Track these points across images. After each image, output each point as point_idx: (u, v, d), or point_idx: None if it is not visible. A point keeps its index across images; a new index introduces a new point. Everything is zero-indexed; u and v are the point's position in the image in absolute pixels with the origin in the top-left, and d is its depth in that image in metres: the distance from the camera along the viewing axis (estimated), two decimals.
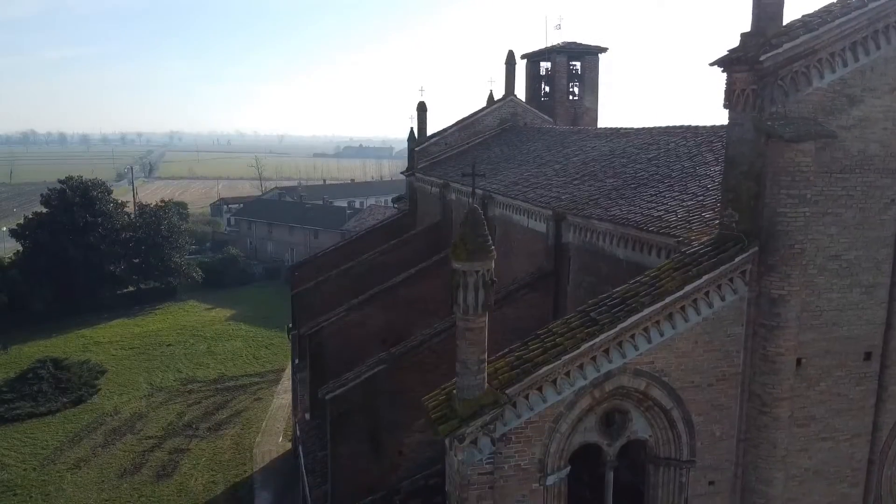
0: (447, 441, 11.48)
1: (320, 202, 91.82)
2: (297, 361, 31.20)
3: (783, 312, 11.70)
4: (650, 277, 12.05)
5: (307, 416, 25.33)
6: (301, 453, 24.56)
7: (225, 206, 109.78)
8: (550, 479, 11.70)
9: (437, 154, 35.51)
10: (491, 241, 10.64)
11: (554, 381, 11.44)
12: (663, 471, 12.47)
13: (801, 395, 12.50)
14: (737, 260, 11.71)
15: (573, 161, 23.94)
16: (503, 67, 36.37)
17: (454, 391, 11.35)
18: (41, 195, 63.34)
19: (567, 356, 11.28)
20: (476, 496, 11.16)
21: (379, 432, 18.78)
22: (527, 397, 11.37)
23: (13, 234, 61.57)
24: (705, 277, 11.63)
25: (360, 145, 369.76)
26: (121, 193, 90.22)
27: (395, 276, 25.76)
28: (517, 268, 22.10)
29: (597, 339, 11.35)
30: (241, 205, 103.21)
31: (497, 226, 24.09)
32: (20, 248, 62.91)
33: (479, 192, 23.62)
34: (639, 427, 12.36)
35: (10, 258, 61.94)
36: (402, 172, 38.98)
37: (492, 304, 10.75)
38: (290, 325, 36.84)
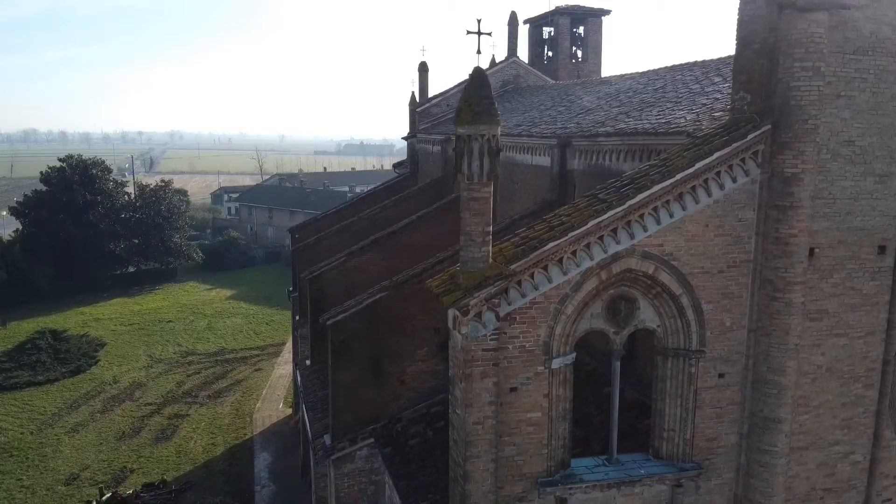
0: (450, 317, 11.20)
1: (321, 188, 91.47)
2: (297, 318, 30.89)
3: (796, 192, 11.40)
4: (661, 160, 11.77)
5: (308, 362, 25.00)
6: (301, 394, 24.29)
7: (225, 195, 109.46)
8: (556, 363, 11.41)
9: (438, 115, 35.21)
10: (496, 105, 10.33)
11: (560, 261, 11.14)
12: (672, 362, 12.17)
13: (814, 286, 12.17)
14: (749, 137, 11.40)
15: (577, 103, 23.63)
16: (506, 29, 36.09)
17: (458, 269, 11.05)
18: (41, 173, 63.09)
19: (574, 233, 10.98)
20: (480, 373, 10.86)
21: (380, 360, 18.43)
22: (532, 276, 11.08)
23: (13, 211, 61.31)
24: (716, 154, 11.33)
25: (361, 143, 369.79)
26: None
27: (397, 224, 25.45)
28: (521, 209, 21.78)
29: (604, 217, 11.05)
30: (240, 194, 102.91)
31: (501, 170, 23.62)
32: (19, 228, 62.72)
33: None
34: (646, 316, 12.05)
35: (10, 236, 61.68)
36: (403, 137, 38.63)
37: (497, 172, 10.45)
38: (291, 287, 36.59)
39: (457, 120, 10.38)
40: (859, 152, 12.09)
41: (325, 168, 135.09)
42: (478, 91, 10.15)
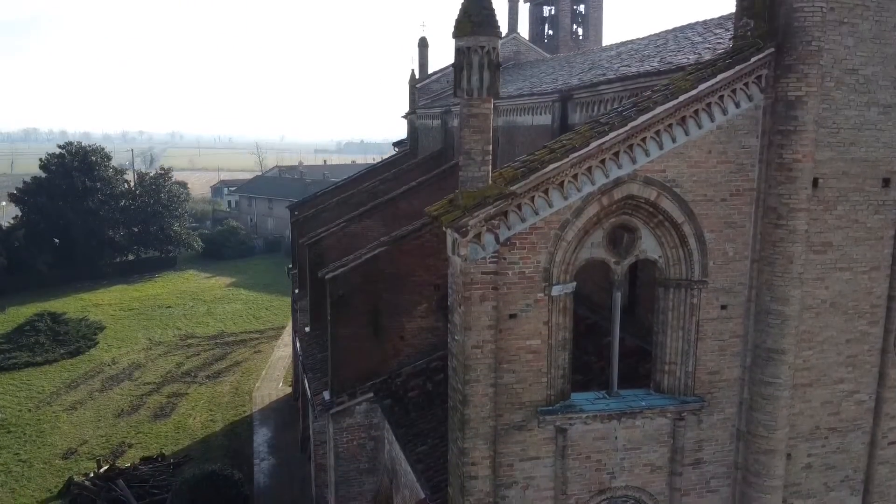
0: (449, 241, 11.07)
1: (321, 179, 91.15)
2: (297, 291, 30.76)
3: (800, 115, 11.24)
4: (663, 86, 11.60)
5: (307, 329, 24.88)
6: (301, 358, 24.17)
7: (225, 189, 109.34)
8: (555, 290, 11.24)
9: (438, 91, 35.10)
10: (497, 16, 10.16)
11: (561, 184, 11.00)
12: (673, 293, 12.00)
13: (818, 218, 12.01)
14: (752, 60, 11.24)
15: (578, 67, 23.50)
16: (506, 6, 35.99)
17: (457, 192, 10.91)
18: (40, 159, 62.95)
19: (575, 154, 10.83)
20: (479, 296, 10.71)
21: (380, 316, 18.28)
22: (532, 200, 10.94)
23: (12, 198, 61.19)
24: (720, 77, 11.18)
25: (362, 141, 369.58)
26: None
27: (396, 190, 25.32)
28: None
29: (606, 138, 10.90)
30: (240, 185, 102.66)
31: (501, 136, 23.62)
32: (17, 215, 62.61)
33: None
34: (648, 246, 11.89)
35: (10, 222, 61.58)
36: (402, 116, 38.48)
37: (498, 87, 10.29)
38: (290, 265, 36.49)
39: (455, 32, 10.21)
40: (863, 81, 11.92)
41: (325, 161, 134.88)
42: (477, 1, 9.98)
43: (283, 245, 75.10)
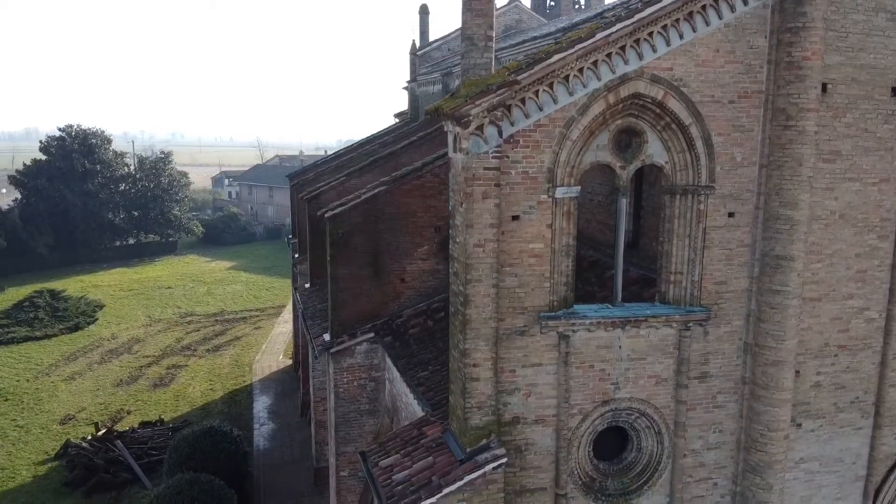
0: (450, 139, 10.82)
1: None
2: (296, 256, 30.52)
3: (809, 11, 10.98)
4: None
5: (307, 285, 24.64)
6: (301, 309, 23.97)
7: (226, 179, 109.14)
8: (559, 192, 10.98)
9: (439, 60, 34.89)
10: None
11: (566, 78, 10.73)
12: (679, 199, 11.74)
13: (827, 125, 11.76)
14: None
15: (580, 16, 23.28)
16: None
17: (458, 85, 10.66)
18: (40, 142, 62.74)
19: (581, 45, 10.56)
20: (481, 192, 10.45)
21: (380, 257, 18.01)
22: (536, 94, 10.67)
23: (12, 180, 60.96)
24: None
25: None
26: None
27: (396, 145, 25.07)
28: None
29: (612, 29, 10.63)
30: (241, 174, 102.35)
31: None
32: (17, 198, 62.36)
33: None
34: (654, 151, 11.62)
35: (9, 205, 61.38)
36: (403, 87, 38.25)
37: None
38: (290, 236, 36.28)
39: None
40: None
41: (325, 151, 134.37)
42: None
43: (283, 232, 74.89)
